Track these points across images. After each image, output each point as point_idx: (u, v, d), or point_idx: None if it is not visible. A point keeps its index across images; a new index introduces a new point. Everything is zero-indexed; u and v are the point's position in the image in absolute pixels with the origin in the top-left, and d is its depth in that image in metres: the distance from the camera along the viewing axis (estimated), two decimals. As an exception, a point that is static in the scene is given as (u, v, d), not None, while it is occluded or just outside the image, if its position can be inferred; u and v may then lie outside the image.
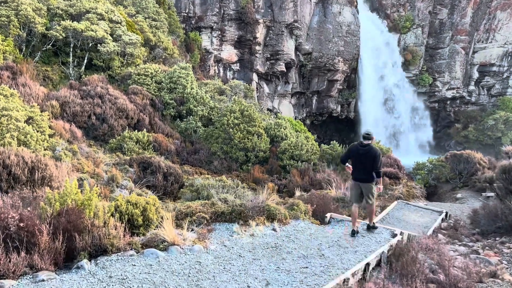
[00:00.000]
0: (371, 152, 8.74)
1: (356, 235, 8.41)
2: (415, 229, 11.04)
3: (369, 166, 8.75)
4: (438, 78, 51.60)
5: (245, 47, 44.44)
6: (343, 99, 49.44)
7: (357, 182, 8.99)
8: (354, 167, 9.03)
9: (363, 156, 8.78)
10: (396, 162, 21.01)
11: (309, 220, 8.87)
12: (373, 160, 8.70)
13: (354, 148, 9.07)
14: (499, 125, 50.14)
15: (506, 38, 51.55)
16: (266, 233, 7.61)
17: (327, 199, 10.96)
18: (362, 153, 8.78)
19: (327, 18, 46.00)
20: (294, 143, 22.13)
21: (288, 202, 9.86)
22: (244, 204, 7.87)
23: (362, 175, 8.87)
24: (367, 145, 8.80)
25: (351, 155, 9.11)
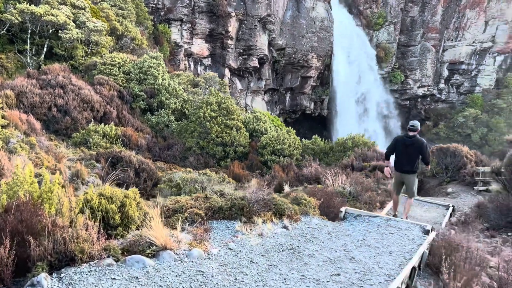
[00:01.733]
0: (418, 143, 8.86)
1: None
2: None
3: (415, 157, 8.91)
4: (409, 76, 51.78)
5: (216, 41, 42.77)
6: (317, 96, 48.67)
7: (400, 173, 9.15)
8: (398, 159, 9.13)
9: (410, 147, 8.86)
10: (382, 156, 20.00)
11: (320, 216, 7.47)
12: (420, 150, 8.88)
13: (400, 139, 9.17)
14: (468, 122, 50.85)
15: (474, 37, 52.37)
16: (276, 232, 6.14)
17: (330, 193, 9.61)
18: (409, 144, 8.86)
19: (301, 13, 45.05)
20: (276, 138, 20.77)
21: (290, 196, 8.43)
22: (247, 197, 6.37)
23: (407, 166, 8.99)
24: (413, 136, 8.91)
25: (397, 147, 9.11)
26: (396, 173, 9.27)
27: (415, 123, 9.07)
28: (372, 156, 19.47)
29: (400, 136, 9.38)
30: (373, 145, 20.98)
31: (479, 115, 51.29)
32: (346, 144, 20.83)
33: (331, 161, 20.83)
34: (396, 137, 9.50)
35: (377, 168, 16.84)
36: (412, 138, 8.90)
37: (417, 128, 8.99)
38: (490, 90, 54.70)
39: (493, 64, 54.48)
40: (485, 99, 53.91)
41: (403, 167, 9.07)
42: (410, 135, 8.92)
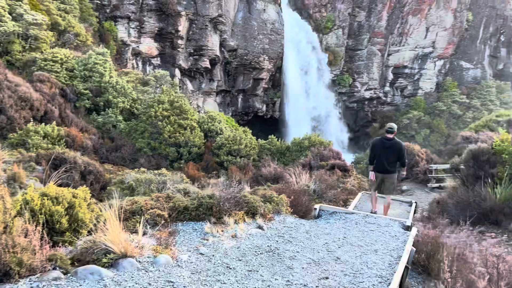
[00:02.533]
0: (396, 145, 9.30)
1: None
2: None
3: (393, 158, 9.28)
4: (357, 79, 53.10)
5: (166, 41, 41.41)
6: (269, 98, 48.57)
7: (380, 174, 9.42)
8: (378, 161, 9.40)
9: (389, 149, 9.23)
10: (338, 155, 19.96)
11: (292, 215, 6.91)
12: (399, 152, 9.29)
13: (379, 142, 9.53)
14: (412, 124, 52.98)
15: (416, 42, 54.74)
16: (251, 233, 5.49)
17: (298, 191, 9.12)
18: (388, 146, 9.24)
19: (252, 15, 44.79)
20: (232, 138, 20.11)
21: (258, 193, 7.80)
22: (216, 195, 5.67)
23: (387, 167, 9.30)
24: (392, 139, 9.31)
25: (376, 150, 9.43)
26: (377, 174, 9.50)
27: (393, 126, 9.44)
28: (328, 155, 19.34)
29: (378, 139, 9.68)
30: (329, 144, 20.90)
31: (422, 117, 53.61)
32: (302, 144, 20.58)
33: (288, 161, 20.50)
34: (374, 141, 9.81)
35: (335, 166, 16.66)
36: (391, 140, 9.28)
37: (394, 130, 9.36)
38: (431, 93, 57.44)
39: (434, 69, 57.28)
40: (427, 101, 56.51)
41: (383, 168, 9.35)
42: (389, 137, 9.28)
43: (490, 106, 55.18)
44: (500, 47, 61.06)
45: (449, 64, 58.07)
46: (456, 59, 58.22)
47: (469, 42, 57.84)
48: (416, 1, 52.28)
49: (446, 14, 53.83)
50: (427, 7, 53.00)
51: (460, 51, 57.92)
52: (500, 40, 60.50)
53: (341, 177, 15.73)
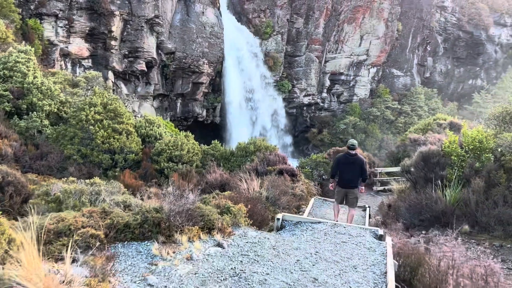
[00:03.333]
0: (359, 160, 9.74)
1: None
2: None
3: (356, 173, 9.70)
4: (296, 85, 53.67)
5: (98, 41, 38.96)
6: (209, 103, 47.51)
7: (344, 189, 9.84)
8: (342, 176, 9.83)
9: (352, 165, 9.65)
10: (284, 160, 19.47)
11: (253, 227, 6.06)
12: (361, 167, 9.70)
13: (343, 158, 9.89)
14: (349, 129, 54.51)
15: (352, 50, 56.56)
16: (210, 253, 4.56)
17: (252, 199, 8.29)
18: (351, 161, 9.66)
19: (190, 17, 43.59)
20: (173, 143, 18.87)
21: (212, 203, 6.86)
22: (164, 208, 4.67)
23: (350, 182, 9.74)
24: (355, 155, 9.80)
25: (340, 165, 9.85)
26: (340, 188, 9.92)
27: (354, 142, 10.01)
28: (275, 160, 18.77)
29: (342, 155, 10.06)
30: (275, 149, 20.36)
31: (357, 122, 55.37)
32: (248, 149, 19.84)
33: (233, 167, 19.65)
34: (338, 157, 10.17)
35: (283, 171, 16.08)
36: (354, 156, 9.77)
37: (356, 147, 9.94)
38: (365, 100, 59.60)
39: (368, 76, 59.54)
40: (362, 107, 58.53)
41: (347, 183, 9.79)
42: (352, 153, 9.77)
43: (419, 112, 58.40)
44: (427, 56, 65.05)
45: (382, 71, 60.71)
46: (388, 67, 61.03)
47: (399, 51, 60.92)
48: (351, 10, 54.05)
49: (379, 24, 56.21)
50: (361, 16, 54.98)
51: (392, 59, 60.81)
52: (426, 50, 64.43)
53: (290, 182, 15.17)
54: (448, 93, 69.13)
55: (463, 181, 10.90)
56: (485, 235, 9.69)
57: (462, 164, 10.93)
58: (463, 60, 67.76)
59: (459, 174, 10.97)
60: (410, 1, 58.76)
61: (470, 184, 10.63)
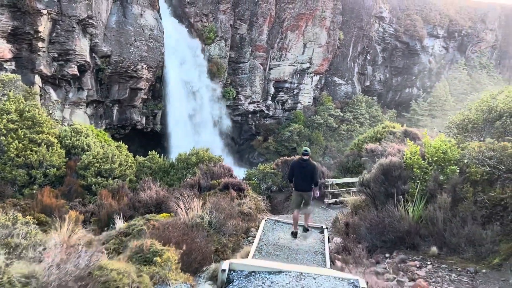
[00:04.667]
0: (310, 166, 10.32)
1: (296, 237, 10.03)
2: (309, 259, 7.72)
3: (309, 178, 10.25)
4: (241, 92, 52.44)
5: (23, 42, 35.20)
6: (148, 110, 44.86)
7: (300, 192, 10.34)
8: (297, 180, 10.39)
9: (305, 169, 10.25)
10: (230, 172, 17.88)
11: (188, 282, 4.37)
12: (312, 172, 10.27)
13: (297, 163, 10.49)
14: (294, 136, 54.09)
15: (295, 57, 56.41)
16: None
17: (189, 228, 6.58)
18: (304, 166, 10.28)
19: (128, 19, 40.91)
20: (102, 155, 16.62)
21: (129, 246, 5.09)
22: (39, 277, 2.87)
23: (305, 186, 10.30)
24: (307, 160, 10.33)
25: (295, 170, 10.45)
26: (296, 192, 10.42)
27: (307, 149, 10.48)
28: (219, 172, 17.12)
29: (296, 161, 10.62)
30: (219, 160, 18.71)
31: (302, 130, 55.15)
32: (189, 160, 18.03)
33: (173, 181, 17.74)
34: (293, 162, 10.74)
35: (229, 186, 14.47)
36: (306, 161, 10.30)
37: (309, 153, 10.44)
38: (309, 107, 59.68)
39: (311, 84, 59.70)
40: (306, 115, 58.51)
41: (302, 186, 10.32)
42: (305, 159, 10.29)
43: (361, 119, 59.44)
44: (367, 65, 66.67)
45: (324, 79, 61.21)
46: (330, 75, 61.67)
47: (341, 60, 61.80)
48: (294, 17, 53.89)
49: (321, 32, 56.57)
50: (304, 24, 55.00)
51: (334, 67, 61.52)
52: (366, 59, 66.01)
53: (237, 198, 13.59)
54: (387, 101, 71.36)
55: (427, 196, 9.91)
56: (455, 258, 8.68)
57: (425, 177, 9.95)
58: (400, 69, 70.27)
59: (422, 188, 9.98)
60: (351, 11, 59.86)
61: (435, 200, 9.65)
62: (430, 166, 9.90)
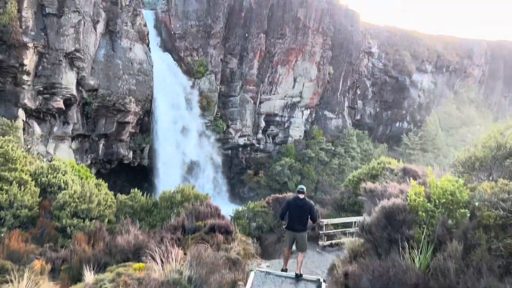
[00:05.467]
0: (307, 205, 10.10)
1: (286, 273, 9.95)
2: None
3: (305, 217, 10.01)
4: (231, 125, 51.80)
5: (7, 75, 34.41)
6: (136, 144, 43.78)
7: (293, 232, 10.10)
8: (291, 219, 10.02)
9: (301, 209, 9.98)
10: (217, 211, 16.71)
11: None
12: (310, 211, 10.07)
13: (292, 202, 10.18)
14: (285, 170, 53.10)
15: (285, 91, 56.30)
16: None
17: None
18: (300, 205, 10.01)
19: (116, 53, 40.49)
20: (80, 193, 15.43)
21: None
22: None
23: (299, 226, 10.03)
24: (303, 199, 10.12)
25: (290, 209, 10.08)
26: (289, 232, 10.16)
27: (303, 187, 10.35)
28: (206, 212, 15.95)
29: (291, 199, 10.31)
30: (206, 198, 17.57)
31: (293, 164, 54.23)
32: (174, 199, 16.88)
33: (156, 221, 16.51)
34: (288, 200, 10.39)
35: (215, 228, 13.31)
36: (302, 200, 10.08)
37: (305, 191, 10.26)
38: (300, 141, 59.08)
39: (302, 117, 59.39)
40: (297, 148, 57.80)
41: (296, 226, 10.05)
42: (300, 197, 10.08)
43: (352, 153, 58.85)
44: (357, 99, 66.87)
45: (315, 113, 60.99)
46: (321, 109, 61.51)
47: (331, 94, 61.87)
48: (284, 52, 54.13)
49: (311, 67, 56.83)
50: (294, 59, 55.24)
51: (324, 101, 61.47)
52: (356, 93, 66.28)
53: (224, 242, 12.41)
54: (378, 135, 71.23)
55: (434, 242, 8.88)
56: (473, 317, 7.57)
57: (432, 222, 8.96)
58: (390, 103, 70.59)
59: (429, 233, 8.97)
60: (340, 46, 60.47)
61: (444, 247, 8.63)
62: (437, 209, 8.94)
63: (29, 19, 34.34)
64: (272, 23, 52.54)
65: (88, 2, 37.68)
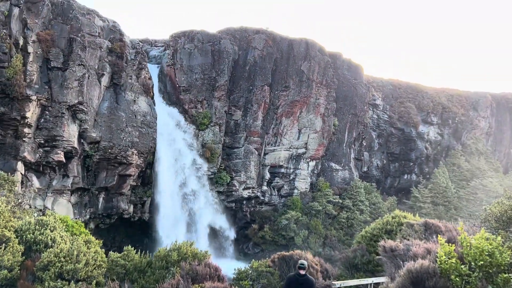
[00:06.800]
0: (308, 281, 10.11)
1: None
2: None
3: None
4: (235, 177, 50.60)
5: (8, 128, 34.01)
6: (137, 197, 42.48)
7: None
8: None
9: (302, 285, 9.95)
10: (217, 272, 15.16)
11: None
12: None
13: (294, 279, 10.23)
14: (291, 224, 51.08)
15: (290, 143, 55.58)
16: None
17: None
18: (302, 282, 10.02)
19: (120, 105, 40.33)
20: (66, 252, 14.05)
21: None
22: None
23: None
24: (304, 275, 10.16)
25: (291, 286, 10.13)
26: None
27: (304, 262, 10.26)
28: (204, 272, 14.43)
29: (293, 275, 10.29)
30: (205, 256, 16.06)
31: (299, 217, 52.31)
32: (169, 258, 15.38)
33: (150, 283, 14.93)
34: (289, 277, 10.40)
35: (214, 293, 11.77)
36: (304, 276, 10.00)
37: (306, 266, 10.23)
38: (306, 193, 57.48)
39: (307, 169, 58.19)
40: (303, 201, 56.10)
41: None
42: (301, 274, 10.07)
43: (361, 206, 56.94)
44: (363, 151, 65.95)
45: (321, 165, 59.85)
46: (327, 161, 60.44)
47: (337, 145, 61.08)
48: (288, 104, 54.08)
49: (316, 118, 56.52)
50: (298, 110, 55.07)
51: (330, 153, 60.55)
52: (362, 145, 65.47)
53: (222, 311, 10.84)
54: (386, 187, 69.53)
55: (473, 315, 7.40)
56: None
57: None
58: (397, 155, 69.54)
59: (465, 303, 7.51)
60: (345, 98, 60.55)
61: (485, 321, 7.14)
62: (473, 272, 7.55)
63: (34, 73, 34.48)
64: (276, 76, 52.95)
65: (94, 56, 38.08)
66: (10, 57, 33.14)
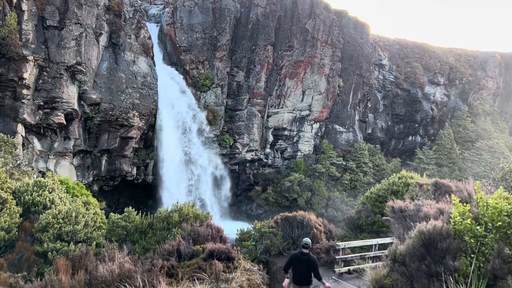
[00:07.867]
0: (310, 260, 10.23)
1: None
2: None
3: (308, 273, 10.16)
4: (238, 140, 50.16)
5: (6, 90, 33.35)
6: (140, 160, 42.28)
7: (298, 285, 10.36)
8: (295, 274, 10.33)
9: (303, 264, 10.16)
10: (219, 233, 14.89)
11: None
12: (312, 268, 10.16)
13: (296, 257, 10.35)
14: (294, 186, 51.05)
15: (294, 105, 54.68)
16: None
17: None
18: (303, 261, 10.18)
19: (119, 66, 39.34)
20: (65, 213, 13.75)
21: None
22: None
23: (303, 281, 10.28)
24: (307, 254, 10.25)
25: (293, 264, 10.32)
26: (295, 285, 10.30)
27: (308, 241, 10.22)
28: (206, 233, 14.16)
29: (295, 254, 10.38)
30: (207, 218, 15.77)
31: (303, 179, 52.21)
32: (170, 219, 15.09)
33: (151, 244, 14.73)
34: (292, 255, 10.52)
35: (214, 254, 11.47)
36: (306, 255, 10.13)
37: (310, 245, 10.25)
38: (310, 156, 57.14)
39: (311, 131, 57.58)
40: (307, 163, 55.83)
41: (300, 281, 10.21)
42: (304, 252, 10.13)
43: (364, 168, 56.66)
44: (368, 112, 64.96)
45: (325, 127, 59.16)
46: (331, 123, 59.67)
47: (341, 107, 60.10)
48: (292, 65, 52.74)
49: (320, 79, 55.29)
50: (302, 71, 53.79)
51: (334, 115, 59.67)
52: (367, 106, 64.41)
53: (224, 272, 10.56)
54: (390, 149, 69.01)
55: (487, 277, 6.98)
56: None
57: (483, 250, 7.08)
58: (402, 116, 68.56)
59: (479, 265, 7.08)
60: (350, 58, 58.97)
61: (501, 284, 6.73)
62: (489, 234, 7.07)
63: (29, 32, 33.38)
64: (279, 35, 51.32)
65: (91, 14, 36.76)
66: (4, 15, 32.01)
